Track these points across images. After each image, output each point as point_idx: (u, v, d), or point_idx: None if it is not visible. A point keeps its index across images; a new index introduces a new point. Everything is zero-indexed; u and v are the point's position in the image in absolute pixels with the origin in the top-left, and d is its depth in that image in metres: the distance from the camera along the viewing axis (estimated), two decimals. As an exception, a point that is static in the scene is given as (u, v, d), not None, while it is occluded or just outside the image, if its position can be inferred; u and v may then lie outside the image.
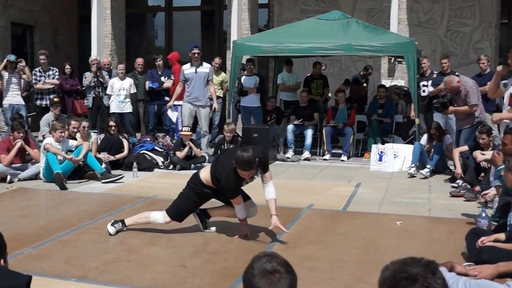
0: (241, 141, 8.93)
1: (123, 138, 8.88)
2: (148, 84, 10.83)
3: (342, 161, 9.62)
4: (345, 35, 9.58)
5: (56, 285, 3.75)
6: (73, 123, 8.31)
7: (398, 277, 1.60)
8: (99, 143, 8.58)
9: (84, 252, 4.43)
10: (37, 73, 10.63)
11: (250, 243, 4.69)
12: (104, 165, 7.88)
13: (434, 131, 8.27)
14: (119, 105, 10.28)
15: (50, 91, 10.62)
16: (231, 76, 10.15)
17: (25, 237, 4.79)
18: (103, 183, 7.42)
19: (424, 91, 9.74)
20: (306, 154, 9.78)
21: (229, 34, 12.33)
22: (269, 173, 4.72)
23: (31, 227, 5.21)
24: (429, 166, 8.02)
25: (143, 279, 3.84)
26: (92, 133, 8.67)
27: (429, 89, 9.64)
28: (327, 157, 9.71)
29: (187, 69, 9.43)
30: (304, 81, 11.39)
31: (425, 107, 9.63)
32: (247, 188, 4.86)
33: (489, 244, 3.99)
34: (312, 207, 6.05)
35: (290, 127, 10.09)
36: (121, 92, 10.28)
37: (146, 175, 8.20)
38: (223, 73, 11.41)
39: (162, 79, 10.86)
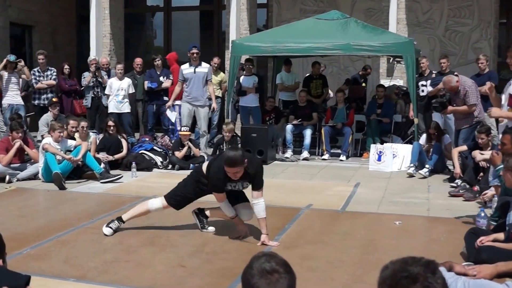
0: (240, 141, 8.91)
1: (122, 138, 8.88)
2: (147, 84, 10.83)
3: (341, 161, 9.62)
4: (344, 35, 9.58)
5: (54, 285, 3.74)
6: (72, 123, 8.30)
7: (398, 276, 1.59)
8: (98, 143, 8.58)
9: (83, 252, 4.43)
10: (36, 73, 10.61)
11: (249, 243, 4.69)
12: (103, 165, 7.87)
13: (433, 131, 8.28)
14: (117, 105, 10.27)
15: (47, 91, 10.62)
16: (230, 76, 10.15)
17: (24, 237, 4.79)
18: (102, 183, 7.41)
19: (423, 91, 9.75)
20: (305, 154, 9.78)
21: (228, 34, 12.33)
22: (260, 191, 4.60)
23: (29, 227, 5.20)
24: (428, 166, 8.02)
25: (142, 279, 3.84)
26: (91, 133, 8.67)
27: (428, 89, 9.65)
28: (326, 157, 9.72)
29: (186, 69, 9.43)
30: (303, 81, 11.39)
31: (424, 107, 9.64)
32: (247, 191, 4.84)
33: (488, 244, 3.99)
34: (311, 207, 6.05)
35: (289, 127, 10.09)
36: (119, 92, 10.28)
37: (145, 175, 8.20)
38: (222, 73, 11.41)
39: (161, 79, 10.86)
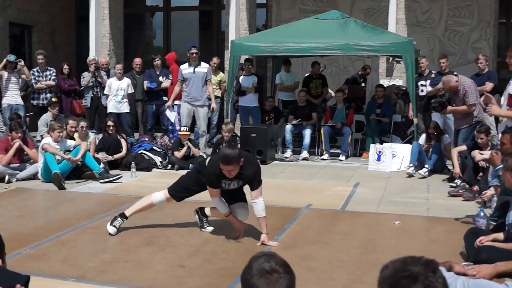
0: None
1: (121, 138, 8.88)
2: (146, 84, 10.82)
3: (340, 160, 9.62)
4: (343, 34, 9.58)
5: (54, 285, 3.74)
6: (71, 123, 8.30)
7: (399, 275, 1.59)
8: (97, 143, 8.57)
9: (82, 252, 4.42)
10: (35, 73, 10.60)
11: (248, 243, 4.69)
12: (102, 165, 7.87)
13: (432, 131, 8.28)
14: (116, 105, 10.26)
15: (46, 91, 10.61)
16: (229, 76, 10.15)
17: (23, 237, 4.79)
18: (101, 183, 7.41)
19: (422, 91, 9.75)
20: (304, 153, 9.77)
21: (227, 34, 12.33)
22: (259, 190, 4.58)
23: (29, 227, 5.20)
24: (427, 165, 8.02)
25: (141, 279, 3.83)
26: (90, 133, 8.67)
27: (427, 89, 9.65)
28: (326, 156, 9.72)
29: (185, 69, 9.42)
30: (303, 80, 11.40)
31: (423, 106, 9.64)
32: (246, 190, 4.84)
33: (488, 243, 3.99)
34: (310, 207, 6.05)
35: (288, 126, 10.09)
36: (118, 92, 10.26)
37: (144, 175, 8.20)
38: (221, 73, 11.41)
39: (160, 79, 10.85)
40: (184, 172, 5.74)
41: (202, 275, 3.93)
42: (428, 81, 9.66)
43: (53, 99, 9.95)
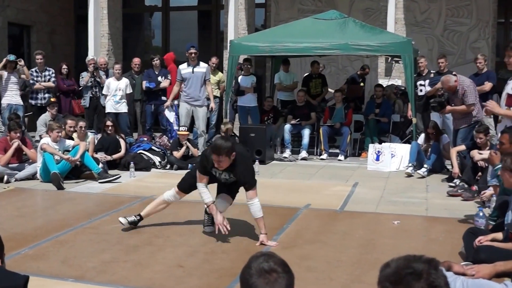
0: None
1: (120, 138, 8.87)
2: (145, 84, 10.81)
3: (339, 160, 9.62)
4: (342, 34, 9.58)
5: (53, 285, 3.74)
6: (70, 122, 8.30)
7: (403, 273, 1.59)
8: (96, 143, 8.57)
9: (81, 252, 4.42)
10: (34, 73, 10.59)
11: (247, 243, 4.69)
12: (101, 165, 7.87)
13: (431, 131, 8.28)
14: (115, 105, 10.23)
15: (45, 91, 10.60)
16: (228, 75, 10.15)
17: (22, 237, 4.78)
18: (100, 183, 7.40)
19: (421, 91, 9.74)
20: (303, 153, 9.77)
21: (226, 33, 12.33)
22: (254, 191, 4.57)
23: (28, 227, 5.19)
24: (426, 165, 8.02)
25: (140, 279, 3.83)
26: (89, 133, 8.66)
27: (426, 89, 9.64)
28: (324, 156, 9.72)
29: (184, 69, 9.41)
30: (302, 80, 11.40)
31: (422, 106, 9.64)
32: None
33: (487, 243, 3.99)
34: (309, 207, 6.05)
35: (287, 126, 10.09)
36: (117, 92, 10.23)
37: (143, 175, 8.19)
38: (220, 73, 11.40)
39: (159, 79, 10.84)
40: (183, 172, 5.74)
41: (201, 275, 3.93)
42: (427, 81, 9.65)
43: (52, 99, 9.94)
